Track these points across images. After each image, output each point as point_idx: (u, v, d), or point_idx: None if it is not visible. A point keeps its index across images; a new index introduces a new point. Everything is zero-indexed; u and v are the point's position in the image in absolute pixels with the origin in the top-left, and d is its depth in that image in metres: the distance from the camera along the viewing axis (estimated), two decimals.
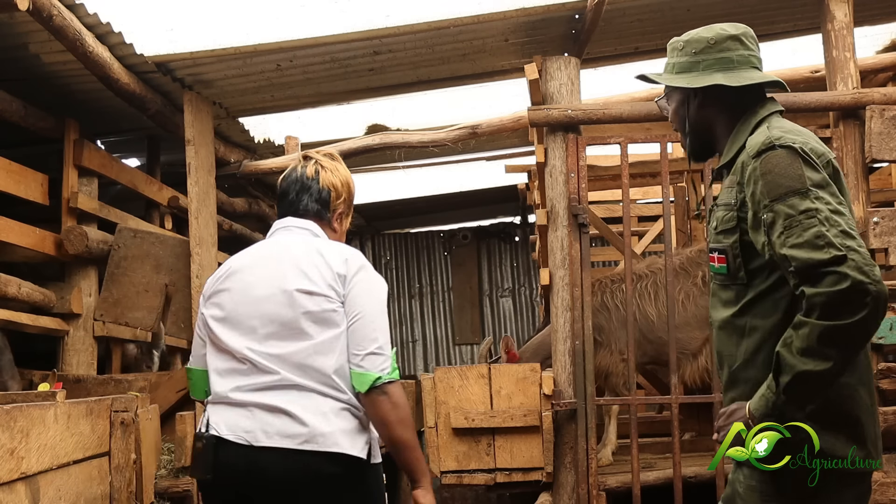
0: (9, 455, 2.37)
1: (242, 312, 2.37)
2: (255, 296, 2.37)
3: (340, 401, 2.28)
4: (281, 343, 2.31)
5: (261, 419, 2.26)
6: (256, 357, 2.31)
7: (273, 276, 2.37)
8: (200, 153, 4.33)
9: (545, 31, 4.34)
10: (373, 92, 5.06)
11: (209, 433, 2.29)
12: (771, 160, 1.96)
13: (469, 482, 4.13)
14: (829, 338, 1.82)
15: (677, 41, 2.25)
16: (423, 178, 6.87)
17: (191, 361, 2.56)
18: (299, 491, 2.21)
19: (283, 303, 2.32)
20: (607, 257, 7.36)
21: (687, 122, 2.23)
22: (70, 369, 4.40)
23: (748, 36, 2.20)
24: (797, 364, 1.85)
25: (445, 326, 8.94)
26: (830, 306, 1.81)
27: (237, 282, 2.42)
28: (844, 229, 1.86)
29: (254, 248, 2.54)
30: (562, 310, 4.19)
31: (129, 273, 4.36)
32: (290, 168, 2.64)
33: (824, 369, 1.83)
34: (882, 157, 4.01)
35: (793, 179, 1.92)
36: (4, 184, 4.01)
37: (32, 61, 4.01)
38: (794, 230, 1.88)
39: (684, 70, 2.20)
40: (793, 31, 4.77)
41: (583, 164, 4.18)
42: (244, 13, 4.02)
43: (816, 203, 1.88)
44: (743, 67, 2.15)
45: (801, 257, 1.86)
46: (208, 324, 2.39)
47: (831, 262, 1.82)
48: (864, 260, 1.82)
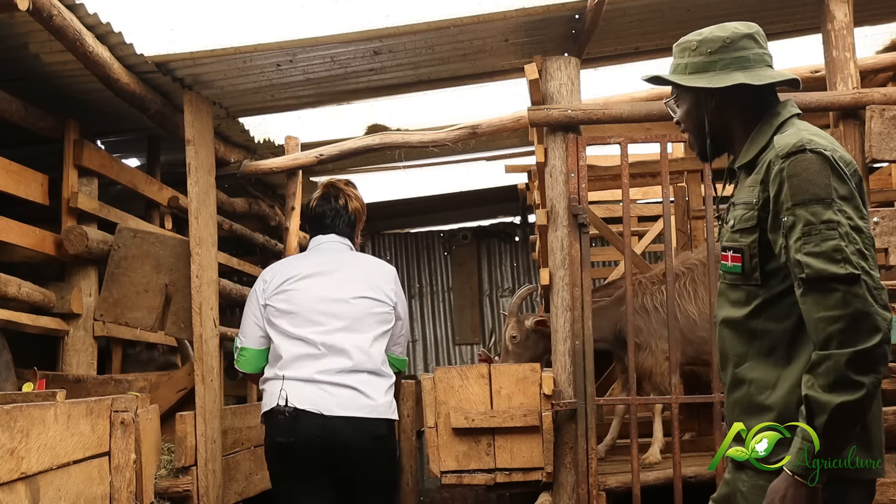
0: (9, 455, 2.37)
1: (316, 309, 3.20)
2: (328, 297, 3.21)
3: (387, 379, 3.21)
4: (350, 335, 3.17)
5: (335, 394, 3.07)
6: (331, 345, 3.13)
7: (343, 284, 3.25)
8: (200, 153, 4.33)
9: (545, 31, 4.34)
10: (373, 92, 5.06)
11: (290, 406, 3.05)
12: (800, 163, 1.94)
13: (469, 482, 4.13)
14: (855, 364, 1.81)
15: (689, 41, 2.20)
16: (423, 178, 6.86)
17: (245, 342, 3.30)
18: (358, 446, 3.05)
19: (356, 305, 3.23)
20: (607, 257, 7.36)
21: (705, 123, 2.18)
22: (70, 369, 4.40)
23: (760, 34, 2.18)
24: (831, 400, 1.83)
25: (445, 326, 8.95)
26: (845, 332, 1.81)
27: (307, 285, 3.24)
28: (861, 248, 1.87)
29: (311, 258, 3.38)
30: (562, 310, 4.19)
31: (129, 273, 4.36)
32: (320, 196, 3.47)
33: (859, 397, 1.81)
34: (882, 157, 4.01)
35: (819, 187, 1.91)
36: (4, 184, 4.01)
37: (32, 61, 4.01)
38: (813, 238, 1.88)
39: (699, 70, 2.15)
40: (793, 31, 4.77)
41: (583, 164, 4.18)
42: (244, 13, 4.02)
43: (839, 216, 1.88)
44: (759, 66, 2.13)
45: (815, 266, 1.86)
46: (272, 315, 3.21)
47: (845, 278, 1.83)
48: (874, 284, 1.84)
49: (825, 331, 1.83)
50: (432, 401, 4.15)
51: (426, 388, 4.19)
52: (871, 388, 1.82)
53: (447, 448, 4.12)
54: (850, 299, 1.82)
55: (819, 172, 1.92)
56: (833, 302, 1.83)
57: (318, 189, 3.56)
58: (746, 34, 2.14)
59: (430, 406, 4.15)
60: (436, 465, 4.13)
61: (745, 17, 4.61)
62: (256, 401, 5.65)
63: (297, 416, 3.03)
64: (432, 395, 4.15)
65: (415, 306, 9.05)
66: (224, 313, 5.82)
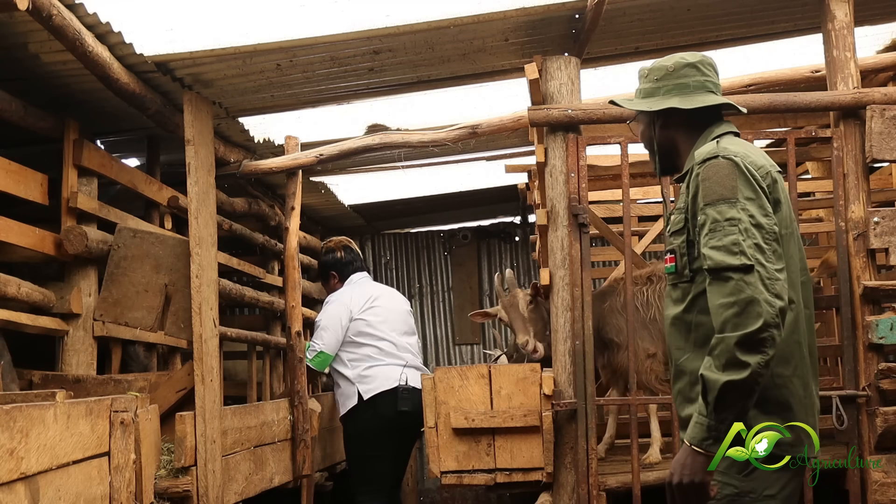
0: (8, 455, 2.37)
1: (392, 320, 5.06)
2: (395, 311, 5.13)
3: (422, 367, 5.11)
4: (410, 338, 5.14)
5: (416, 375, 4.83)
6: (406, 344, 5.06)
7: (398, 303, 5.24)
8: (200, 153, 4.32)
9: (545, 30, 4.33)
10: (373, 92, 5.05)
11: (409, 385, 4.84)
12: (711, 168, 2.20)
13: (469, 482, 4.13)
14: (742, 346, 2.00)
15: (643, 69, 2.53)
16: (423, 178, 6.86)
17: (325, 348, 4.94)
18: (420, 413, 4.30)
19: (408, 318, 5.23)
20: (607, 257, 7.35)
21: (654, 142, 2.50)
22: (70, 369, 4.39)
23: (705, 63, 2.46)
24: (720, 378, 2.01)
25: (445, 326, 8.94)
26: (737, 316, 2.02)
27: (381, 303, 5.07)
28: (759, 243, 2.09)
29: (367, 285, 5.21)
30: (562, 310, 4.19)
31: (129, 273, 4.36)
32: (343, 248, 5.28)
33: (745, 376, 2.00)
34: (882, 157, 4.01)
35: (726, 189, 2.15)
36: (4, 184, 4.01)
37: (32, 61, 4.00)
38: (717, 234, 2.11)
39: (648, 95, 2.47)
40: (793, 31, 4.77)
41: (583, 163, 4.18)
42: (244, 13, 4.01)
43: (741, 214, 2.11)
44: (699, 92, 2.41)
45: (715, 258, 2.09)
46: (364, 326, 4.95)
47: (739, 268, 2.05)
48: (767, 274, 2.05)
49: (722, 315, 2.05)
50: (432, 401, 4.15)
51: (426, 388, 4.18)
52: (758, 368, 2.01)
53: (447, 448, 4.11)
54: (742, 286, 2.03)
55: (727, 176, 2.16)
56: (729, 289, 2.05)
57: (331, 244, 5.31)
58: (689, 63, 2.44)
59: (431, 406, 4.15)
60: (436, 465, 4.13)
61: (745, 17, 4.63)
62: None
63: (412, 391, 4.77)
64: (432, 395, 4.15)
65: (415, 306, 9.03)
66: (224, 313, 5.83)
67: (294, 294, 5.23)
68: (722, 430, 2.02)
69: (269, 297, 6.18)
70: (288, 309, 5.23)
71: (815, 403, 2.28)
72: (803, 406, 2.21)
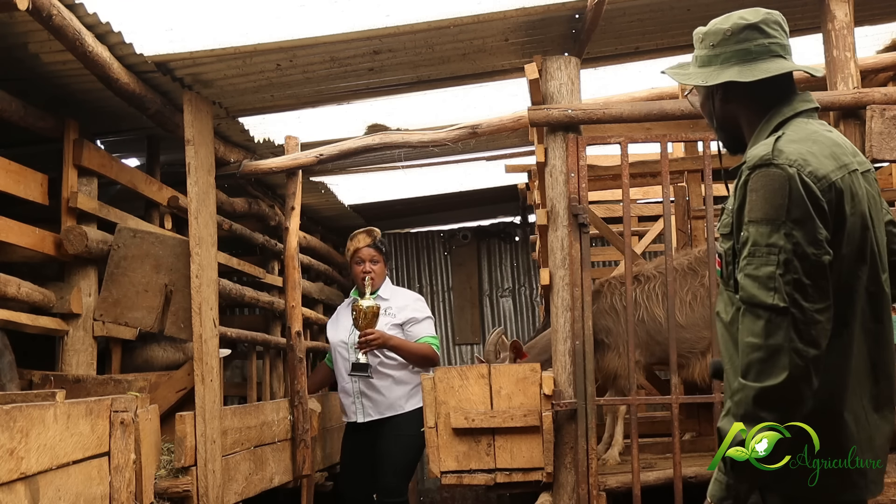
0: (8, 455, 2.37)
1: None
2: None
3: None
4: None
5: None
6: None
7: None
8: (200, 153, 4.32)
9: (545, 30, 4.33)
10: (373, 92, 5.05)
11: None
12: (760, 178, 1.88)
13: (469, 482, 4.13)
14: (761, 400, 1.79)
15: (698, 32, 2.18)
16: (423, 178, 6.86)
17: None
18: None
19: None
20: (607, 257, 7.36)
21: (714, 117, 2.15)
22: (70, 369, 4.39)
23: (770, 22, 2.11)
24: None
25: (445, 326, 8.94)
26: (761, 363, 1.79)
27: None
28: (799, 278, 1.80)
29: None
30: (562, 310, 4.19)
31: (129, 273, 4.36)
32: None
33: None
34: (882, 157, 4.01)
35: (773, 206, 1.84)
36: (4, 184, 4.01)
37: (32, 61, 4.00)
38: (755, 261, 1.85)
39: (704, 64, 2.11)
40: (793, 31, 4.73)
41: (583, 163, 4.18)
42: (244, 13, 4.02)
43: (784, 241, 1.82)
44: (762, 58, 2.06)
45: (749, 290, 1.84)
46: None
47: (771, 308, 1.80)
48: (804, 318, 1.79)
49: (747, 357, 1.81)
50: (432, 401, 4.15)
51: (426, 388, 4.18)
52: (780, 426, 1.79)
53: (447, 448, 4.11)
54: (771, 330, 1.79)
55: (777, 192, 1.85)
56: (758, 329, 1.81)
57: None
58: (749, 25, 2.08)
59: (430, 406, 4.15)
60: (436, 465, 4.13)
61: None
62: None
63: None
64: (432, 395, 4.15)
65: None
66: (224, 313, 5.82)
67: (294, 294, 5.23)
68: (742, 491, 1.85)
69: (269, 297, 6.18)
70: (288, 309, 5.23)
71: (880, 434, 1.97)
72: (858, 441, 1.93)
